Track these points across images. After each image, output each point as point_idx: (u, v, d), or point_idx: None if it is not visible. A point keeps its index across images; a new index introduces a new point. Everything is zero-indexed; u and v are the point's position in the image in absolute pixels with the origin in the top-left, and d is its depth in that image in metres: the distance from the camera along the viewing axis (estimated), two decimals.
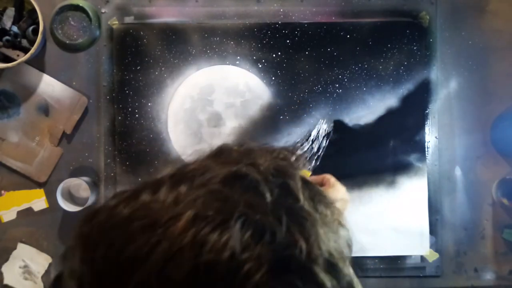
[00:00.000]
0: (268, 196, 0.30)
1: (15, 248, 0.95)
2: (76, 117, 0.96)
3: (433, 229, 0.97)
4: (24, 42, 0.94)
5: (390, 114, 0.98)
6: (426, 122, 0.98)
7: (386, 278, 0.98)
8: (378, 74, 0.98)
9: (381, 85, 0.98)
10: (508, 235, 0.97)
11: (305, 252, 0.29)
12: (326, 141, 0.98)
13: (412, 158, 0.98)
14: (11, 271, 0.95)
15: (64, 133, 0.96)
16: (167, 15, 0.98)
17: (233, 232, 0.27)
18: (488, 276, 0.98)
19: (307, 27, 0.97)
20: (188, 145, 0.97)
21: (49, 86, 0.96)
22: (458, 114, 0.99)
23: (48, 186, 0.96)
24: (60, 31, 0.97)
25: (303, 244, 0.29)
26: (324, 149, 0.98)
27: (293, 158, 0.35)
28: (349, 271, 0.33)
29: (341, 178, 0.98)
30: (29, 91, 0.96)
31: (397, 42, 0.98)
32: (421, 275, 0.97)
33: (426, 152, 0.98)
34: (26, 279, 0.95)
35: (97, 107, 0.97)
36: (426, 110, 0.98)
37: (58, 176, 0.96)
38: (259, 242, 0.27)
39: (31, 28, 0.93)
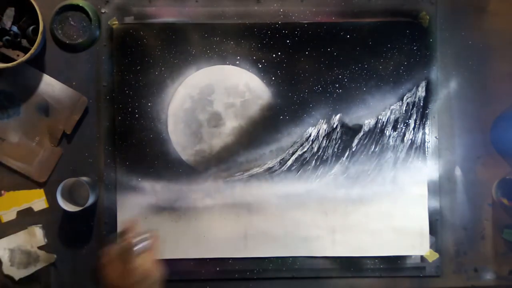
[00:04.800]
0: None
1: None
2: (76, 117, 0.96)
3: (433, 229, 0.97)
4: (24, 42, 0.94)
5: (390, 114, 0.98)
6: (426, 122, 0.98)
7: (386, 278, 0.98)
8: (378, 74, 0.98)
9: (381, 85, 0.98)
10: (508, 235, 0.97)
11: None
12: (326, 141, 0.98)
13: (412, 158, 0.98)
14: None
15: (64, 133, 0.96)
16: (167, 15, 0.98)
17: None
18: (488, 276, 0.98)
19: (307, 27, 0.97)
20: (188, 145, 0.97)
21: (49, 86, 0.96)
22: (458, 114, 0.99)
23: (48, 186, 0.96)
24: (60, 31, 0.97)
25: None
26: (324, 149, 0.98)
27: None
28: None
29: (342, 177, 0.98)
30: (29, 91, 0.96)
31: (397, 42, 0.98)
32: (421, 275, 0.97)
33: (426, 152, 0.98)
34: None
35: (97, 107, 0.97)
36: (426, 110, 0.98)
37: (58, 176, 0.96)
38: None
39: (31, 28, 0.93)
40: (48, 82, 0.96)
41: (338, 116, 0.98)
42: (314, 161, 0.98)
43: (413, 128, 0.98)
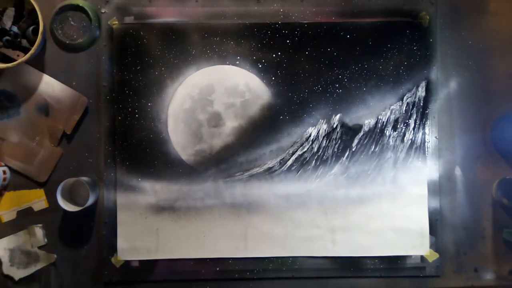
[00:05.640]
0: None
1: None
2: (76, 117, 0.96)
3: (433, 229, 0.98)
4: (24, 42, 0.94)
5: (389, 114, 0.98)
6: (426, 122, 0.98)
7: (386, 278, 0.98)
8: (378, 74, 0.98)
9: (381, 85, 0.98)
10: (508, 235, 0.97)
11: None
12: (326, 141, 0.98)
13: (412, 158, 0.98)
14: None
15: (64, 133, 0.96)
16: (167, 15, 0.98)
17: None
18: (488, 276, 0.98)
19: (307, 27, 0.97)
20: (188, 145, 0.97)
21: (49, 86, 0.96)
22: (458, 114, 0.99)
23: (48, 186, 0.96)
24: (60, 31, 0.97)
25: None
26: (324, 149, 0.98)
27: None
28: None
29: (342, 177, 0.98)
30: (29, 91, 0.96)
31: (397, 42, 0.98)
32: (421, 275, 0.97)
33: (426, 152, 0.98)
34: None
35: (97, 107, 0.97)
36: (426, 110, 0.98)
37: (58, 176, 0.96)
38: None
39: (31, 28, 0.93)
40: (48, 82, 0.96)
41: (338, 116, 0.98)
42: (314, 161, 0.98)
43: (413, 128, 0.98)
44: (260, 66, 0.97)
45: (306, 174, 0.97)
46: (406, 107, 0.98)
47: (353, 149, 0.98)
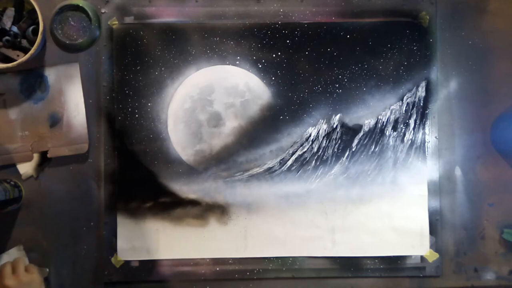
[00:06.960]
0: None
1: None
2: (67, 152, 0.95)
3: (433, 229, 0.98)
4: (24, 42, 0.94)
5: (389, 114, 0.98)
6: (426, 122, 0.98)
7: (386, 278, 0.98)
8: (378, 74, 0.98)
9: (381, 85, 0.98)
10: (508, 235, 0.97)
11: None
12: (326, 141, 0.98)
13: (412, 158, 0.98)
14: None
15: (45, 154, 0.95)
16: (167, 15, 0.98)
17: None
18: (488, 276, 0.98)
19: (307, 27, 0.97)
20: (188, 145, 0.97)
21: (76, 111, 0.95)
22: (458, 114, 0.99)
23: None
24: (60, 31, 0.97)
25: None
26: (324, 149, 0.98)
27: None
28: None
29: (342, 177, 0.98)
30: (61, 99, 0.95)
31: (397, 42, 0.98)
32: (421, 275, 0.97)
33: (426, 152, 0.98)
34: None
35: (97, 107, 0.97)
36: (426, 110, 0.98)
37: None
38: None
39: (31, 28, 0.93)
40: (79, 107, 0.95)
41: (338, 116, 0.98)
42: (314, 161, 0.98)
43: (413, 128, 0.98)
44: (260, 66, 0.97)
45: (306, 174, 0.97)
46: (406, 107, 0.98)
47: (353, 149, 0.98)
